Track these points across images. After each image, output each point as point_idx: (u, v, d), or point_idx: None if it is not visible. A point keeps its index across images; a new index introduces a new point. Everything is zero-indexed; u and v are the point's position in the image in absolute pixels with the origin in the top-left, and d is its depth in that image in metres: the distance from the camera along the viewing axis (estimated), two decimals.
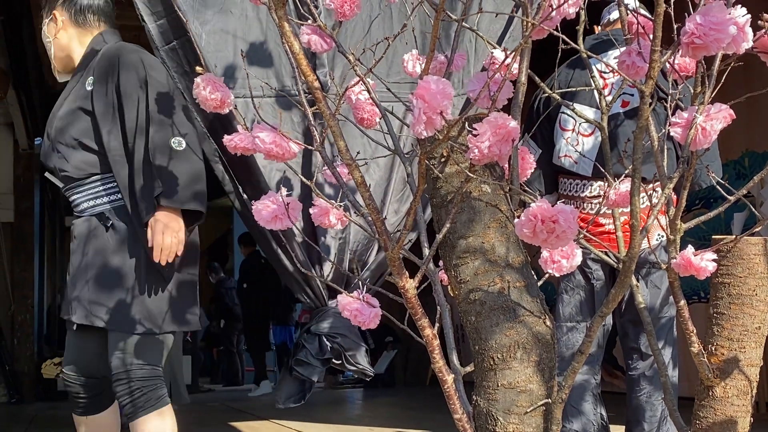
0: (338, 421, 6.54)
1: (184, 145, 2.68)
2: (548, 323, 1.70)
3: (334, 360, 3.42)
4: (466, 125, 1.63)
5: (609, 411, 3.60)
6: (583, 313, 3.49)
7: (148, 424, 2.68)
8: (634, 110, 3.37)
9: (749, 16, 1.44)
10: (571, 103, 3.15)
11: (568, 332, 3.48)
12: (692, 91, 1.68)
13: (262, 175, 3.26)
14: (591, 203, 3.39)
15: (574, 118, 3.43)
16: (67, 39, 2.95)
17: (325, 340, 3.37)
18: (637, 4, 3.36)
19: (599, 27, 3.64)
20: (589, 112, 3.36)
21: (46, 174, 2.96)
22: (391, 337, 10.45)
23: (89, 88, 2.79)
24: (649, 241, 3.24)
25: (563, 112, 3.50)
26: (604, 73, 3.35)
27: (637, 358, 3.42)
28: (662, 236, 3.29)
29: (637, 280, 2.84)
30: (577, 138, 3.41)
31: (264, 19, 3.31)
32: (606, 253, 1.85)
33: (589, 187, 3.40)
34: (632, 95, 3.34)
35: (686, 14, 1.41)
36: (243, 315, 10.55)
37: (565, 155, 3.45)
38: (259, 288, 10.21)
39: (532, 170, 2.02)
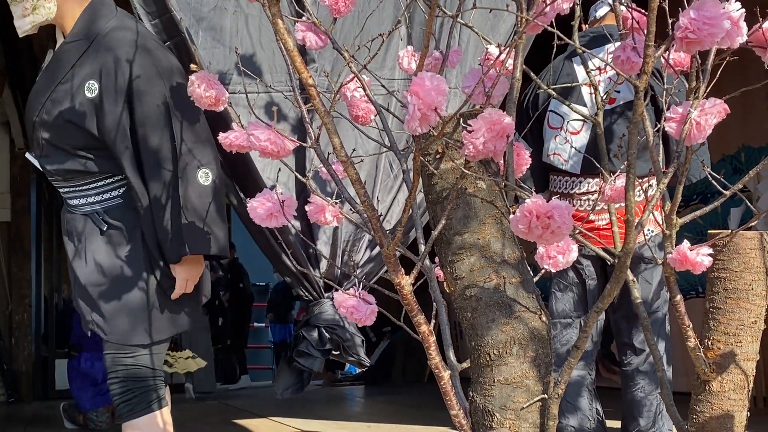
0: (337, 418, 6.54)
1: (210, 179, 2.51)
2: (544, 319, 1.70)
3: (333, 351, 3.45)
4: (461, 121, 1.63)
5: (606, 406, 3.60)
6: (578, 309, 3.50)
7: (139, 426, 2.59)
8: (619, 107, 3.38)
9: (743, 10, 1.44)
10: (566, 101, 3.16)
11: (562, 329, 3.50)
12: (687, 85, 1.68)
13: (260, 175, 3.27)
14: (581, 200, 3.40)
15: (562, 117, 3.45)
16: None
17: (324, 331, 3.40)
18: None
19: (585, 25, 3.66)
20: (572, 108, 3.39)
21: (28, 155, 2.76)
22: (389, 327, 10.45)
23: (90, 96, 2.52)
24: (644, 236, 3.25)
25: (552, 111, 3.51)
26: (591, 71, 3.37)
27: (631, 353, 3.44)
28: (651, 230, 3.30)
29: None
30: (566, 136, 3.43)
31: (259, 15, 3.32)
32: (603, 249, 1.85)
33: (579, 184, 3.41)
34: (618, 92, 3.36)
35: (680, 9, 1.41)
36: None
37: (554, 153, 3.47)
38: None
39: (528, 166, 2.02)
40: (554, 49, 2.04)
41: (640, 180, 3.20)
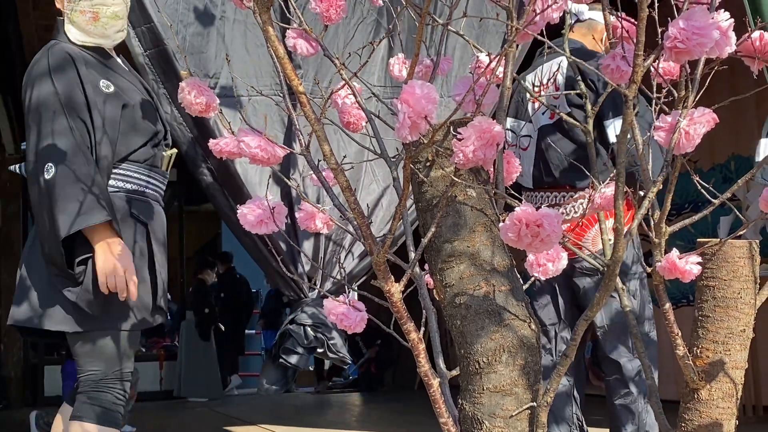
0: (327, 426, 6.53)
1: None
2: (533, 327, 1.71)
3: (318, 349, 3.50)
4: (451, 129, 1.64)
5: (595, 415, 3.61)
6: (551, 317, 3.54)
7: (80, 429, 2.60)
8: (560, 121, 3.44)
9: (732, 20, 1.45)
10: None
11: (548, 339, 3.54)
12: (676, 95, 1.68)
13: (242, 180, 3.29)
14: None
15: (514, 132, 3.55)
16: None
17: (309, 329, 3.44)
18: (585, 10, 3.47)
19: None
20: (526, 126, 3.50)
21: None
22: (379, 340, 10.49)
23: None
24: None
25: (507, 129, 3.61)
26: (536, 86, 3.47)
27: (609, 364, 3.45)
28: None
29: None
30: (518, 152, 3.53)
31: (244, 21, 3.34)
32: (593, 258, 1.85)
33: (533, 198, 3.50)
34: (556, 107, 3.43)
35: (669, 19, 1.41)
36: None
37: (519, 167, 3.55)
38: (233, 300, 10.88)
39: (518, 174, 2.04)
40: (545, 56, 2.05)
41: (582, 192, 3.30)
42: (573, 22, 3.59)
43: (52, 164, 2.55)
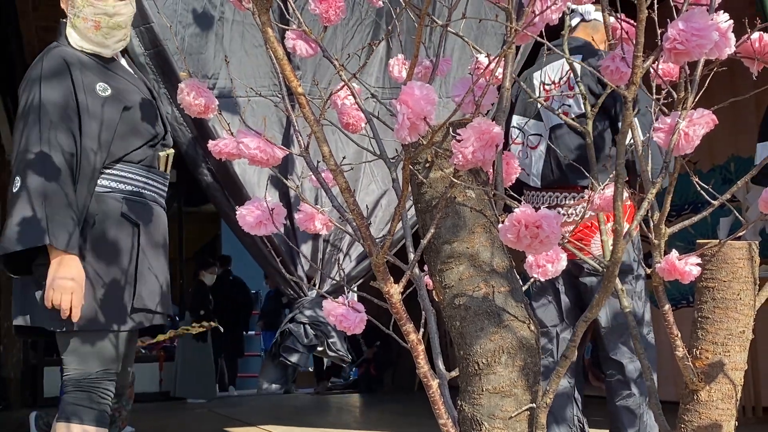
0: (326, 427, 6.53)
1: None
2: (533, 328, 1.71)
3: (317, 347, 3.52)
4: (450, 130, 1.64)
5: (596, 415, 3.61)
6: (553, 318, 3.54)
7: None
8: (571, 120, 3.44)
9: (731, 21, 1.45)
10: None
11: (546, 340, 3.53)
12: (676, 96, 1.68)
13: (243, 185, 3.30)
14: None
15: (522, 131, 3.54)
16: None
17: (309, 328, 3.46)
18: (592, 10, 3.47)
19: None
20: (531, 124, 3.49)
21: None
22: (378, 341, 10.52)
23: None
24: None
25: (514, 127, 3.60)
26: (546, 84, 3.46)
27: (611, 364, 3.45)
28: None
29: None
30: (527, 151, 3.51)
31: (242, 22, 3.35)
32: (593, 259, 1.85)
33: (541, 198, 3.48)
34: (570, 106, 3.41)
35: (669, 20, 1.41)
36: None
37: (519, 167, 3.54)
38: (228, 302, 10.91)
39: (519, 173, 2.04)
40: (544, 58, 2.05)
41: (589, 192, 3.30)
42: (578, 21, 3.58)
43: (18, 177, 2.57)
